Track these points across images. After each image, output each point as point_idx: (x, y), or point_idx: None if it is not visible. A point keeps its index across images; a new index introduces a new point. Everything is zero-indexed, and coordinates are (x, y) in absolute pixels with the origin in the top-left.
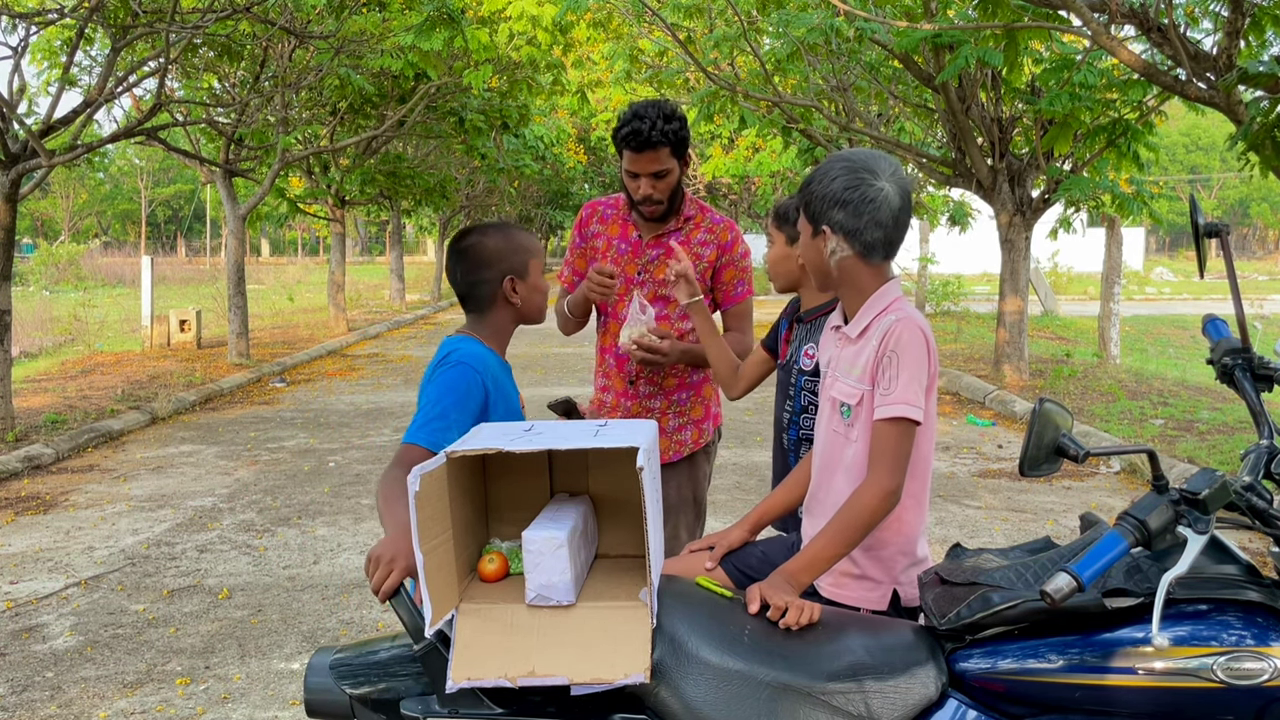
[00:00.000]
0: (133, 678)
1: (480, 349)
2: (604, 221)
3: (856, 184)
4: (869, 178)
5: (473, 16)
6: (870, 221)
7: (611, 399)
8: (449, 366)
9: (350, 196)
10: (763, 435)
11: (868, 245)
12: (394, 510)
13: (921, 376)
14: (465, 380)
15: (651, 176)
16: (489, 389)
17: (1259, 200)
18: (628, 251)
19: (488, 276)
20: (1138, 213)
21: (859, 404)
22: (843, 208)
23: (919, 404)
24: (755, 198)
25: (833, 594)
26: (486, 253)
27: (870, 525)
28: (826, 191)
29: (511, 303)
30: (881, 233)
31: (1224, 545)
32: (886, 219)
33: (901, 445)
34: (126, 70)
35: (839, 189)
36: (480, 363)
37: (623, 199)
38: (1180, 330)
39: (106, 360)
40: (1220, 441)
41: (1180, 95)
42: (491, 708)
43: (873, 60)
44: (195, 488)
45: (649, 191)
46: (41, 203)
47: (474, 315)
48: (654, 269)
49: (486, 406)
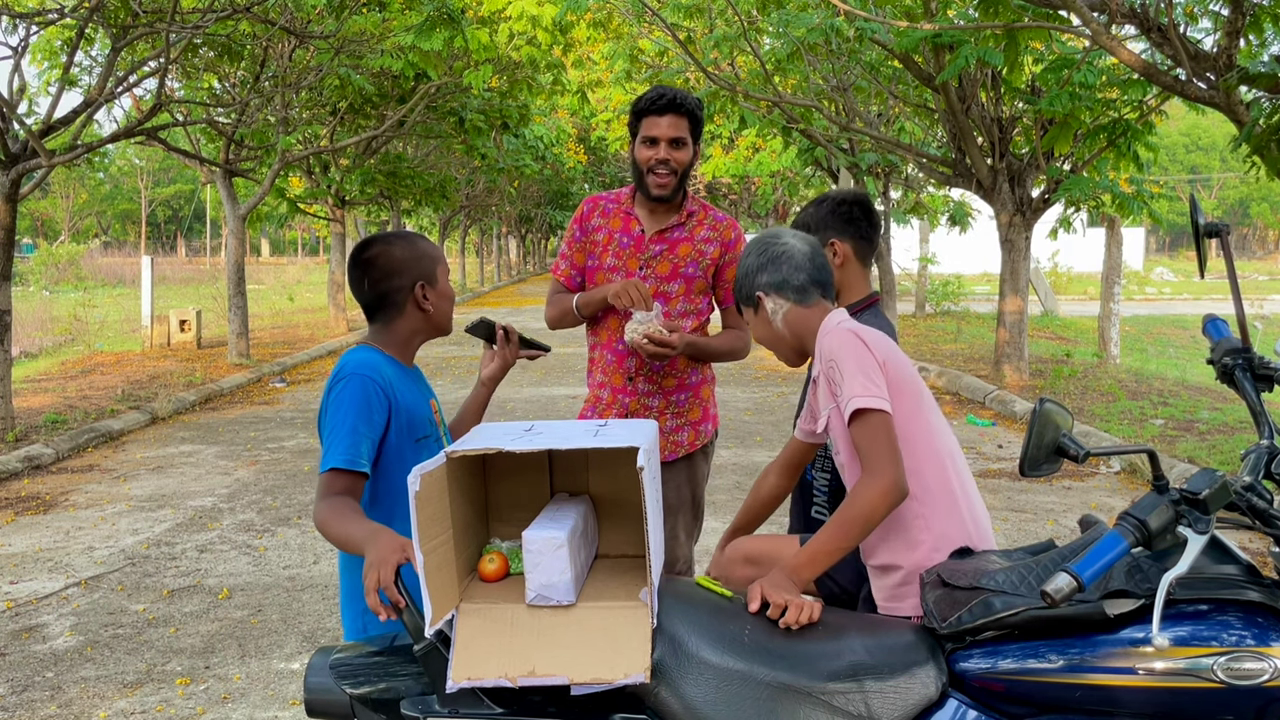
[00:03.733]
0: (133, 678)
1: (375, 356)
2: (605, 215)
3: (764, 249)
4: (772, 241)
5: (473, 16)
6: (790, 269)
7: (608, 395)
8: (344, 382)
9: (350, 196)
10: (762, 435)
11: (799, 289)
12: (348, 523)
13: (866, 367)
14: (364, 390)
15: (670, 143)
16: (388, 395)
17: (1259, 200)
18: (630, 245)
19: (398, 284)
20: (1138, 213)
21: (825, 430)
22: (761, 271)
23: (873, 392)
24: (755, 198)
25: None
26: (395, 261)
27: (872, 520)
28: (744, 270)
29: (423, 309)
30: (805, 275)
31: (1224, 545)
32: (803, 262)
33: (878, 437)
34: (126, 70)
35: (753, 263)
36: (374, 370)
37: (625, 193)
38: (1180, 330)
39: (106, 360)
40: (1220, 441)
41: (1180, 95)
42: (491, 708)
43: (873, 60)
44: (195, 488)
45: (665, 156)
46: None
47: (378, 325)
48: (657, 264)
49: (390, 412)
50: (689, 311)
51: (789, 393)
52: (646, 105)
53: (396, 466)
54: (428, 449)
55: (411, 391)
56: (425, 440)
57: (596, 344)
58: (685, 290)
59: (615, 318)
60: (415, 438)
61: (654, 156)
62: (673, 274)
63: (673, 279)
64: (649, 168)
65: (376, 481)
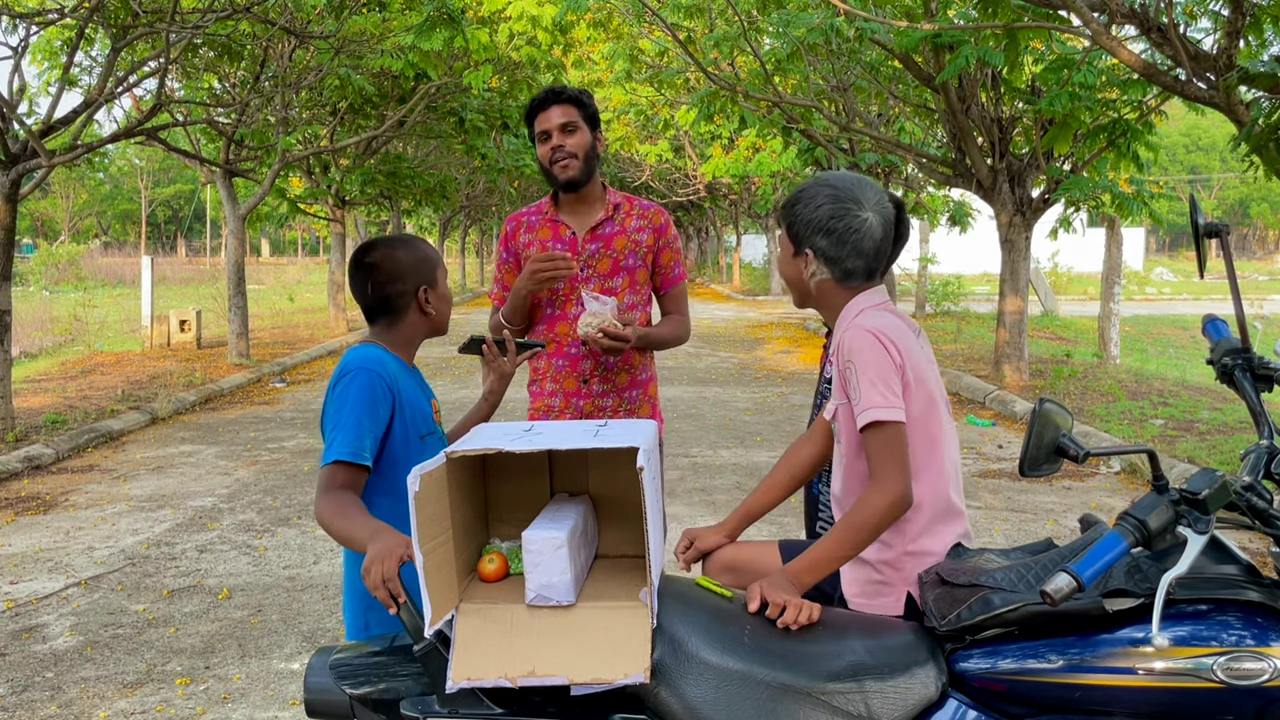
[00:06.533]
0: (133, 678)
1: (380, 353)
2: (532, 229)
3: (841, 214)
4: (854, 208)
5: (473, 16)
6: (852, 251)
7: (560, 402)
8: (350, 376)
9: (350, 196)
10: (762, 435)
11: (847, 272)
12: (351, 518)
13: (886, 376)
14: (370, 385)
15: (560, 130)
16: (393, 391)
17: (1259, 200)
18: (565, 251)
19: (402, 289)
20: (1138, 213)
21: (834, 418)
22: (826, 235)
23: (889, 403)
24: (755, 198)
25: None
26: (399, 265)
27: (876, 529)
28: (811, 217)
29: (425, 313)
30: (862, 262)
31: (1224, 545)
32: (869, 249)
33: (890, 448)
34: (126, 70)
35: (823, 217)
36: (380, 365)
37: (545, 203)
38: (1180, 330)
39: (106, 360)
40: (1220, 441)
41: (1180, 95)
42: (491, 708)
43: (873, 60)
44: (195, 488)
45: (560, 142)
46: (41, 203)
47: (380, 327)
48: (596, 263)
49: (394, 408)
50: (635, 304)
51: (789, 393)
52: (533, 107)
53: (404, 462)
54: (431, 447)
55: (414, 390)
56: (430, 437)
57: (543, 354)
58: (629, 283)
59: (564, 323)
60: (420, 434)
61: (549, 152)
62: (614, 269)
63: (615, 274)
64: (550, 160)
65: (383, 477)
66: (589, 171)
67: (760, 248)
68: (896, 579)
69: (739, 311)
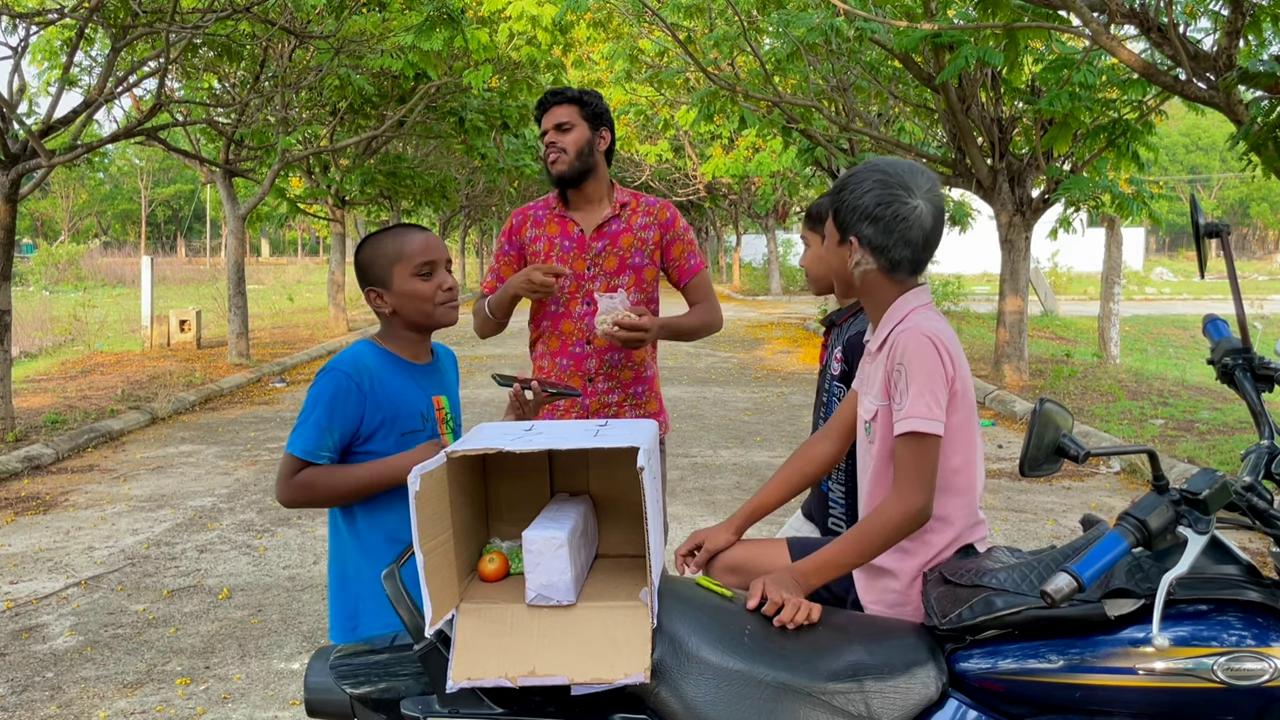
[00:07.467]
0: (133, 678)
1: (366, 351)
2: (539, 224)
3: (890, 200)
4: (903, 194)
5: (473, 16)
6: (900, 240)
7: (565, 401)
8: (321, 375)
9: (350, 196)
10: (762, 435)
11: (894, 262)
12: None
13: (935, 386)
14: (334, 385)
15: (555, 128)
16: (364, 391)
17: (1259, 200)
18: (573, 248)
19: (364, 289)
20: (1137, 213)
21: (874, 419)
22: (873, 223)
23: (933, 416)
24: (755, 198)
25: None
26: (359, 267)
27: (890, 540)
28: (859, 203)
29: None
30: (910, 251)
31: (1224, 545)
32: (917, 238)
33: (921, 461)
34: (126, 70)
35: (871, 203)
36: (354, 366)
37: (551, 198)
38: (1180, 330)
39: (106, 360)
40: (1220, 441)
41: (1180, 95)
42: (491, 708)
43: (873, 60)
44: (195, 488)
45: (554, 139)
46: (41, 203)
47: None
48: (603, 260)
49: (365, 406)
50: (642, 300)
51: (789, 393)
52: (537, 112)
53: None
54: (415, 444)
55: (404, 387)
56: (414, 435)
57: (546, 353)
58: (635, 280)
59: (570, 322)
60: (401, 432)
61: (545, 143)
62: (620, 267)
63: (621, 272)
64: (548, 162)
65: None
66: (580, 167)
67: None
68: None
69: (739, 311)
